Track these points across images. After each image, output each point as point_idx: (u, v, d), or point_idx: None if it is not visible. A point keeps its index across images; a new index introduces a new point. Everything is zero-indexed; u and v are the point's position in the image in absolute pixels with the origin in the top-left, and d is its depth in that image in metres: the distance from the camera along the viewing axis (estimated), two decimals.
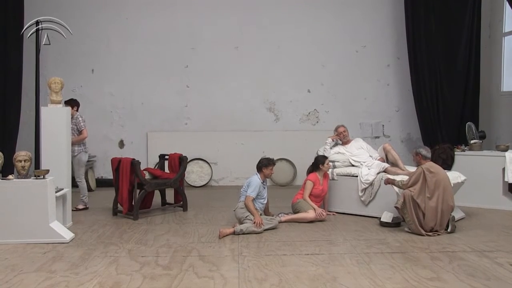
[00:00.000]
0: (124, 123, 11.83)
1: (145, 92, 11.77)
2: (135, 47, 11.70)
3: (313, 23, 11.86)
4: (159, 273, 5.45)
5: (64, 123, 7.75)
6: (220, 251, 6.29)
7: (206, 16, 11.74)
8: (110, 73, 11.74)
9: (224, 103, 11.81)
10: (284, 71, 11.88)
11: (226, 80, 11.82)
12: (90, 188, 10.98)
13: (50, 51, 11.31)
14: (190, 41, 11.75)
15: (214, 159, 11.72)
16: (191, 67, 11.82)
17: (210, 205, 9.34)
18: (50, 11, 11.29)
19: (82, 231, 7.32)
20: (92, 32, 11.63)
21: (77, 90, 11.59)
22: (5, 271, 5.54)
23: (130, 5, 11.68)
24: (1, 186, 6.67)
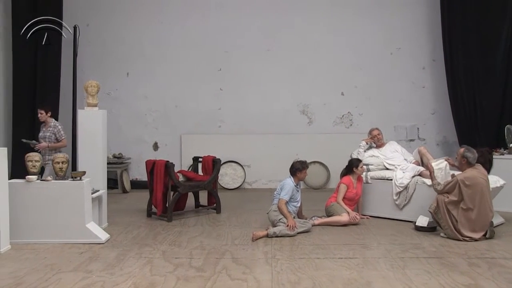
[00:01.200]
0: (158, 126, 11.96)
1: (179, 95, 11.87)
2: (169, 51, 11.83)
3: (347, 25, 11.78)
4: (192, 275, 5.48)
5: (100, 125, 7.87)
6: (253, 253, 6.29)
7: (239, 19, 11.78)
8: (145, 76, 11.89)
9: (257, 106, 11.82)
10: (318, 73, 11.83)
11: (259, 83, 11.83)
12: (125, 190, 11.15)
13: (87, 55, 11.55)
14: (223, 44, 11.81)
15: (247, 161, 11.74)
16: (224, 70, 11.88)
17: (243, 207, 9.35)
18: (87, 17, 11.61)
19: (117, 232, 7.42)
20: (128, 36, 11.81)
21: (113, 93, 11.79)
22: (44, 270, 5.66)
23: (164, 9, 11.82)
24: (40, 187, 6.83)
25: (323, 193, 10.30)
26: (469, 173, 6.93)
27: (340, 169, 8.47)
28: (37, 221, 6.78)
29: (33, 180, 6.85)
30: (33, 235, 6.76)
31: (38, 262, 5.95)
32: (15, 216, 6.68)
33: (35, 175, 6.92)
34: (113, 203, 9.30)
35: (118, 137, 11.66)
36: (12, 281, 5.31)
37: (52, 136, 8.31)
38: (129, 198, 10.41)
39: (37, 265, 5.84)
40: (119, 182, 11.18)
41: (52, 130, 8.34)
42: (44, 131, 8.38)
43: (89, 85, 8.04)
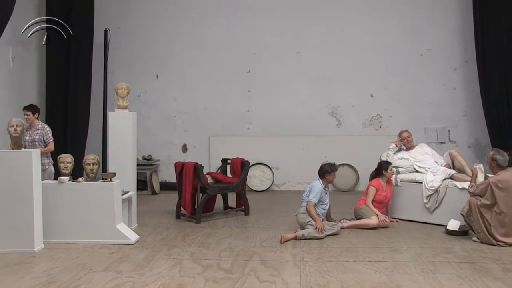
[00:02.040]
0: (187, 128, 12.05)
1: (208, 97, 11.94)
2: (198, 53, 11.91)
3: (376, 26, 11.68)
4: (221, 277, 5.49)
5: (130, 127, 7.95)
6: (281, 256, 6.28)
7: (267, 21, 11.79)
8: (174, 78, 11.99)
9: (286, 108, 11.81)
10: (347, 75, 11.76)
11: (288, 85, 11.82)
12: (154, 191, 11.25)
13: (117, 58, 11.71)
14: (252, 46, 11.83)
15: (276, 164, 11.73)
16: (253, 72, 11.90)
17: (271, 209, 9.34)
18: (118, 21, 11.78)
19: (146, 233, 7.49)
20: (157, 39, 11.93)
21: (142, 96, 11.92)
22: (76, 269, 5.76)
23: (193, 12, 11.90)
24: (72, 188, 6.95)
25: (351, 196, 10.23)
26: (502, 176, 6.78)
27: (369, 172, 8.40)
28: (69, 221, 6.90)
29: (65, 181, 6.97)
30: (65, 235, 6.88)
31: (70, 262, 6.05)
32: (48, 216, 6.81)
33: (67, 176, 7.04)
34: (143, 204, 9.39)
35: (148, 139, 11.79)
36: (45, 280, 5.42)
37: (41, 139, 7.81)
38: (158, 200, 10.50)
39: (69, 264, 5.94)
40: (148, 183, 11.29)
41: (40, 132, 7.83)
42: (32, 134, 7.79)
43: (119, 87, 8.12)
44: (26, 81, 10.78)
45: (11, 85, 10.17)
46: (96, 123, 11.36)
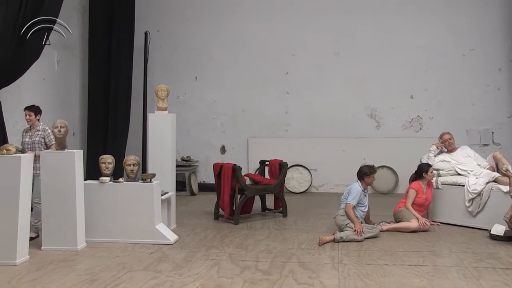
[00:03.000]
0: (225, 129, 12.11)
1: (246, 99, 11.98)
2: (237, 55, 11.97)
3: (416, 26, 11.49)
4: (259, 278, 5.50)
5: (169, 129, 8.04)
6: (319, 258, 6.24)
7: (306, 22, 11.76)
8: (213, 80, 12.08)
9: (324, 110, 11.74)
10: (386, 76, 11.61)
11: (326, 86, 11.75)
12: (193, 192, 11.35)
13: (157, 60, 11.89)
14: (291, 47, 11.82)
15: (314, 165, 11.68)
16: (291, 74, 11.88)
17: (309, 211, 9.30)
18: (157, 24, 11.95)
19: (185, 233, 7.56)
20: (196, 41, 12.05)
21: (181, 97, 12.06)
22: (116, 268, 5.87)
23: (232, 14, 11.97)
24: (112, 189, 7.08)
25: (391, 198, 10.09)
26: None
27: (409, 174, 8.27)
28: (110, 221, 7.03)
29: (106, 181, 7.11)
30: (106, 234, 7.02)
31: (111, 260, 6.16)
32: (90, 215, 6.96)
33: (108, 176, 7.17)
34: (181, 205, 9.49)
35: (187, 140, 11.92)
36: (88, 277, 5.54)
37: (41, 141, 7.37)
38: (197, 201, 10.60)
39: (110, 263, 6.05)
40: (187, 184, 11.40)
41: (41, 134, 7.40)
42: (32, 136, 7.40)
43: (159, 89, 8.22)
44: (69, 83, 11.05)
45: (55, 87, 10.44)
46: (136, 124, 11.55)
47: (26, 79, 8.76)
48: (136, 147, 11.31)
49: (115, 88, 11.30)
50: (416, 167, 8.08)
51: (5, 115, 8.22)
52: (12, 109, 8.87)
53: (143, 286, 5.25)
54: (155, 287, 5.25)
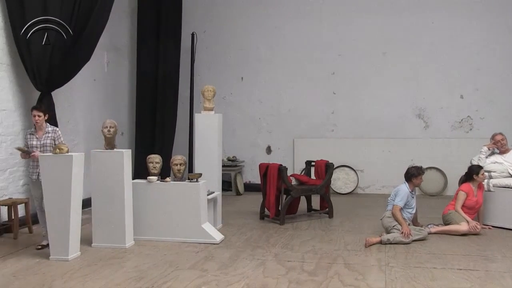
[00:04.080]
0: (271, 130, 12.12)
1: (292, 99, 11.95)
2: (283, 55, 11.95)
3: (466, 23, 11.19)
4: (304, 279, 5.48)
5: (215, 129, 8.11)
6: (366, 260, 6.17)
7: (352, 22, 11.63)
8: (259, 80, 12.11)
9: (371, 110, 11.59)
10: (435, 76, 11.36)
11: (373, 86, 11.59)
12: (239, 192, 11.41)
13: (204, 61, 12.00)
14: (337, 47, 11.72)
15: (361, 166, 11.55)
16: (337, 74, 11.78)
17: (356, 212, 9.20)
18: (204, 24, 12.07)
19: (231, 233, 7.61)
20: (243, 42, 12.11)
21: (227, 98, 12.13)
22: (163, 266, 5.96)
23: (278, 14, 11.97)
24: (160, 188, 7.19)
25: (439, 200, 9.87)
26: None
27: (459, 176, 8.09)
28: (157, 220, 7.15)
29: (153, 180, 7.22)
30: (154, 232, 7.13)
31: (158, 259, 6.26)
32: (138, 214, 7.09)
33: (156, 175, 7.28)
34: (227, 205, 9.54)
35: (233, 141, 11.99)
36: (136, 275, 5.65)
37: (52, 143, 6.84)
38: (242, 201, 10.64)
39: (158, 261, 6.15)
40: (233, 184, 11.47)
41: (51, 135, 6.88)
42: (40, 138, 6.83)
43: (205, 89, 8.30)
44: (118, 84, 11.32)
45: (105, 88, 10.71)
46: (183, 124, 11.70)
47: (78, 80, 9.02)
48: (183, 147, 11.47)
49: (162, 88, 11.49)
50: (467, 169, 7.87)
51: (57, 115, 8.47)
52: (65, 109, 9.16)
53: (190, 285, 5.32)
54: (201, 285, 5.30)
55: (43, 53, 7.87)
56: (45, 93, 8.19)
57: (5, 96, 7.77)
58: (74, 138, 9.52)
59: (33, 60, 7.89)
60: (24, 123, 8.18)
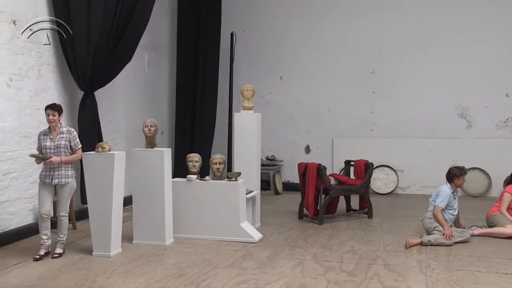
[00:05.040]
0: (310, 129, 12.07)
1: (331, 98, 11.87)
2: (322, 54, 11.88)
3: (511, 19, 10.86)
4: (343, 279, 5.44)
5: (254, 128, 8.12)
6: (406, 261, 6.08)
7: (393, 19, 11.45)
8: (298, 79, 12.07)
9: (411, 109, 11.40)
10: (478, 74, 11.07)
11: (414, 85, 11.39)
12: (277, 191, 11.41)
13: (243, 60, 12.04)
14: (377, 46, 11.57)
15: (401, 166, 11.38)
16: (377, 73, 11.63)
17: (396, 213, 9.08)
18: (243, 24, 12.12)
19: (269, 232, 7.61)
20: (281, 41, 12.09)
21: (266, 97, 12.14)
22: (202, 264, 6.01)
23: (317, 13, 11.88)
24: (199, 186, 7.25)
25: (483, 202, 9.64)
26: None
27: (503, 177, 7.90)
28: (196, 218, 7.22)
29: (193, 179, 7.29)
30: (193, 231, 7.20)
31: (197, 257, 6.32)
32: (177, 212, 7.17)
33: (195, 174, 7.35)
34: (266, 204, 9.55)
35: (271, 140, 11.98)
36: (175, 272, 5.72)
37: (67, 144, 6.38)
38: (281, 200, 10.64)
39: (197, 259, 6.21)
40: (271, 183, 11.47)
41: (66, 137, 6.40)
42: (54, 139, 6.35)
43: (245, 89, 8.32)
44: (159, 84, 11.48)
45: (146, 87, 10.88)
46: (222, 123, 11.77)
47: (119, 80, 9.19)
48: (222, 146, 11.53)
49: (201, 87, 11.59)
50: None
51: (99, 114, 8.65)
52: (106, 109, 9.34)
53: (228, 283, 5.35)
54: (240, 284, 5.32)
55: (86, 54, 8.06)
56: (88, 92, 8.38)
57: (51, 96, 7.98)
58: (115, 137, 9.71)
59: (77, 61, 8.09)
60: (68, 122, 8.37)
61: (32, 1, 7.72)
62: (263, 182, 9.68)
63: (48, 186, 6.31)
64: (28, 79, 7.59)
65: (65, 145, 6.35)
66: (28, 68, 7.58)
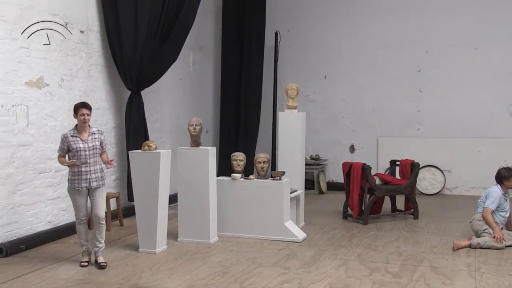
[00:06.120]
0: (355, 128, 11.95)
1: (376, 97, 11.71)
2: (367, 52, 11.73)
3: None
4: (388, 280, 5.37)
5: (299, 127, 8.10)
6: (454, 264, 5.95)
7: (440, 17, 11.19)
8: (342, 79, 11.96)
9: (459, 108, 11.12)
10: None
11: (462, 83, 11.11)
12: (321, 191, 11.35)
13: (287, 59, 12.02)
14: (424, 44, 11.33)
15: (448, 166, 11.12)
16: (424, 71, 11.40)
17: (443, 214, 8.89)
18: (287, 23, 12.09)
19: (313, 232, 7.59)
20: (326, 40, 12.00)
21: (311, 96, 12.09)
22: (246, 263, 6.05)
23: (361, 11, 11.75)
24: (243, 185, 7.29)
25: None
26: None
27: None
28: (240, 217, 7.26)
29: (237, 178, 7.33)
30: (237, 229, 7.25)
31: (241, 255, 6.36)
32: (222, 210, 7.23)
33: (239, 173, 7.39)
34: (310, 203, 9.52)
35: (315, 139, 11.92)
36: (220, 270, 5.77)
37: (96, 144, 5.98)
38: (325, 199, 10.57)
39: (241, 258, 6.24)
40: (315, 183, 11.42)
41: (98, 137, 6.02)
42: (86, 141, 5.89)
43: (289, 88, 8.31)
44: (203, 83, 11.59)
45: (191, 87, 11.01)
46: (266, 123, 11.79)
47: (165, 79, 9.33)
48: (266, 145, 11.55)
49: (246, 87, 11.65)
50: None
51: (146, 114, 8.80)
52: (153, 108, 9.50)
53: (272, 282, 5.36)
54: (283, 283, 5.32)
55: (133, 54, 8.22)
56: (135, 92, 8.54)
57: (99, 96, 8.18)
58: (161, 136, 9.86)
59: (125, 61, 8.26)
60: (116, 121, 8.57)
61: (83, 4, 7.94)
62: (307, 182, 9.64)
63: (82, 190, 5.88)
64: (78, 79, 7.81)
65: (99, 146, 5.99)
66: (78, 68, 7.80)
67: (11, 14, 6.64)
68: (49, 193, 7.27)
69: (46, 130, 7.20)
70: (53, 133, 7.28)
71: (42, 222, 7.15)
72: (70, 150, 5.85)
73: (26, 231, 6.84)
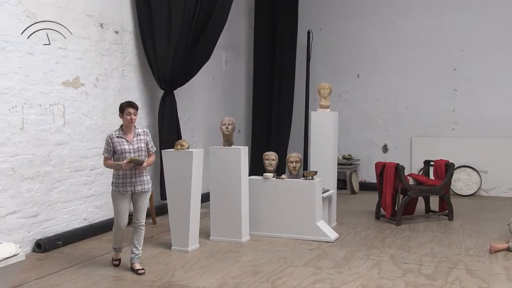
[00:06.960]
0: (388, 128, 11.82)
1: (410, 96, 11.56)
2: (400, 51, 11.58)
3: None
4: (422, 283, 5.30)
5: (331, 127, 8.06)
6: (491, 267, 5.82)
7: (477, 15, 10.97)
8: (375, 78, 11.84)
9: (496, 107, 10.88)
10: None
11: (499, 82, 10.87)
12: (354, 191, 11.27)
13: (319, 58, 11.97)
14: (459, 42, 11.13)
15: (484, 167, 10.90)
16: (459, 70, 11.19)
17: (478, 216, 8.71)
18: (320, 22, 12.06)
19: (345, 232, 7.54)
20: (358, 39, 11.90)
21: (343, 95, 12.01)
22: (278, 262, 6.04)
23: (394, 9, 11.60)
24: (275, 185, 7.29)
25: None
26: None
27: None
28: (272, 216, 7.26)
29: (269, 177, 7.34)
30: (269, 228, 7.26)
31: (273, 254, 6.36)
32: (254, 210, 7.24)
33: (271, 172, 7.39)
34: (342, 203, 9.45)
35: (348, 139, 11.83)
36: (251, 269, 5.79)
37: (142, 146, 5.71)
38: (357, 199, 10.49)
39: (272, 257, 6.25)
40: (348, 183, 11.33)
41: (144, 138, 5.75)
42: (131, 142, 5.64)
43: (321, 87, 8.28)
44: (236, 83, 11.63)
45: (223, 86, 11.06)
46: (298, 122, 11.76)
47: (198, 79, 9.40)
48: (298, 144, 11.52)
49: (278, 86, 11.65)
50: None
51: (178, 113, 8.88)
52: (185, 107, 9.58)
53: (304, 282, 5.35)
54: (315, 283, 5.31)
55: (167, 54, 8.30)
56: (168, 91, 8.63)
57: (133, 95, 8.29)
58: (194, 135, 9.94)
59: (158, 61, 8.36)
60: (149, 120, 8.67)
61: (118, 5, 8.06)
62: (339, 181, 9.58)
63: (126, 195, 5.65)
64: (113, 79, 7.93)
65: (144, 148, 5.71)
66: (112, 68, 7.93)
67: (49, 16, 6.78)
68: (84, 191, 7.41)
69: (81, 129, 7.34)
70: (88, 132, 7.42)
71: (78, 219, 7.29)
72: (115, 152, 5.60)
73: (62, 228, 7.00)
